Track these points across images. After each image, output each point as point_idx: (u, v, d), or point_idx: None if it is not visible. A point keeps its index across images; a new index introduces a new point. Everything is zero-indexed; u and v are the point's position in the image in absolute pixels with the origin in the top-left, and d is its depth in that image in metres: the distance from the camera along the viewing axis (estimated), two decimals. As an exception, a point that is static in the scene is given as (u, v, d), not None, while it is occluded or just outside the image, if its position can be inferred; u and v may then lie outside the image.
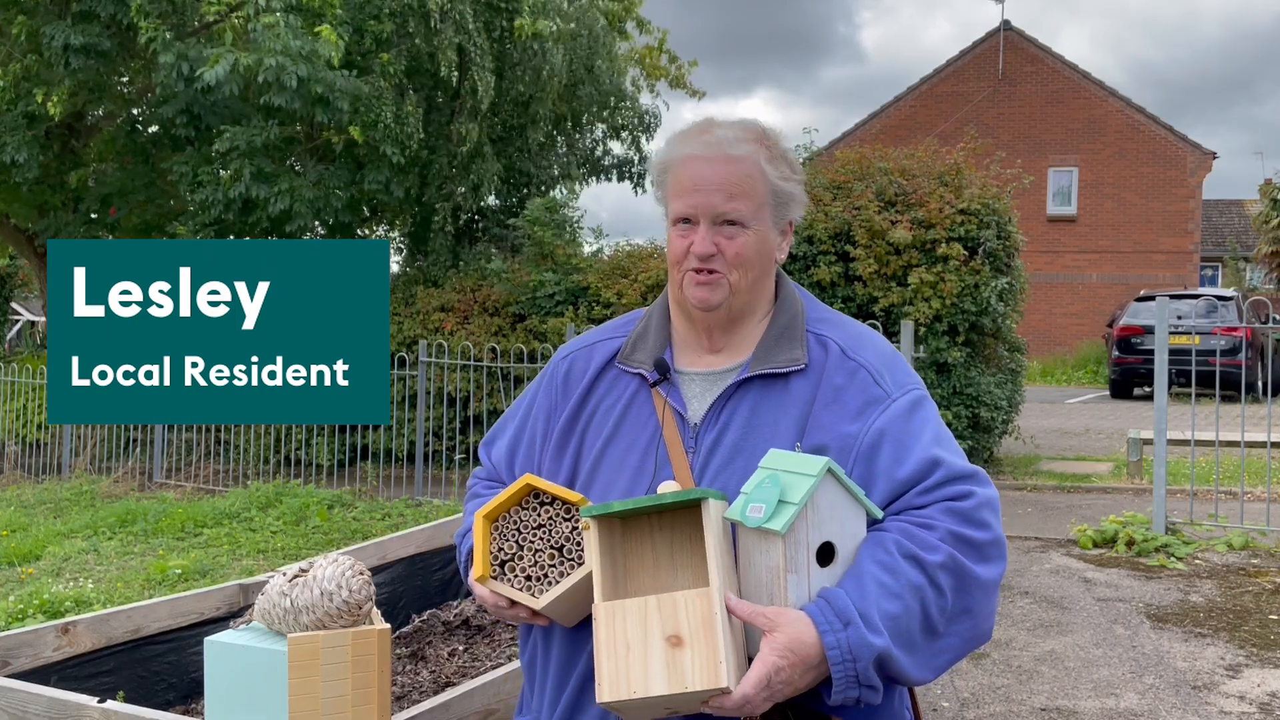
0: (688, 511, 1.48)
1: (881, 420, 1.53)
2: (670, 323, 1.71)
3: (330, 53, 9.14)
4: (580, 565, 1.51)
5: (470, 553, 1.68)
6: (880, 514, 1.48)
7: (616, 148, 14.40)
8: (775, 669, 1.33)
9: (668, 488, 1.50)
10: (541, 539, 1.55)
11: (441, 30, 10.35)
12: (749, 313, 1.65)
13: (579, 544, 1.53)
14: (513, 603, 1.54)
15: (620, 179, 14.44)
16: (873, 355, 1.61)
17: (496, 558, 1.56)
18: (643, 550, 1.51)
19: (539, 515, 1.57)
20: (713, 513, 1.41)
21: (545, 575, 1.53)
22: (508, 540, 1.57)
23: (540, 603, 1.51)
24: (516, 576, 1.54)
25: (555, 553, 1.54)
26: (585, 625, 1.56)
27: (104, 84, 10.91)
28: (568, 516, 1.55)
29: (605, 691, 1.36)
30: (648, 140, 14.20)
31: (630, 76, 13.86)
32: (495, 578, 1.55)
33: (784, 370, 1.58)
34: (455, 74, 10.33)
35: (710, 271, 1.59)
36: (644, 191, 15.20)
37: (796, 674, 1.35)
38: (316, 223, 12.31)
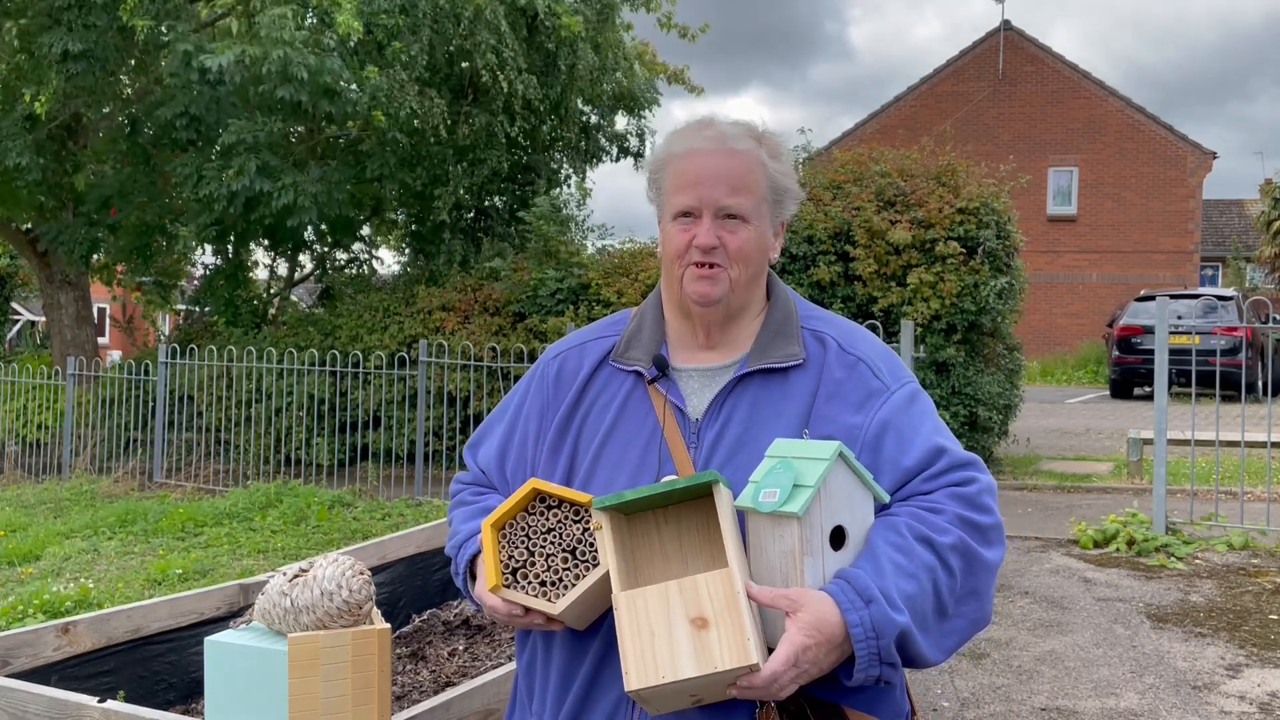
0: (693, 504, 1.49)
1: (884, 411, 1.56)
2: (664, 320, 1.70)
3: (349, 30, 9.10)
4: (593, 567, 1.49)
5: (469, 564, 1.66)
6: (887, 498, 1.50)
7: (621, 122, 14.22)
8: (803, 648, 1.34)
9: None
10: (553, 543, 1.52)
11: (476, 31, 10.35)
12: (744, 310, 1.66)
13: (591, 545, 1.50)
14: (526, 610, 1.52)
15: (619, 157, 14.27)
16: (869, 349, 1.64)
17: (508, 566, 1.53)
18: (650, 545, 1.50)
19: (547, 519, 1.54)
20: (724, 496, 1.42)
21: (560, 579, 1.50)
22: (518, 547, 1.54)
23: (557, 608, 1.48)
24: (530, 583, 1.51)
25: (568, 556, 1.51)
26: (589, 627, 1.56)
27: (99, 87, 10.89)
28: (577, 518, 1.52)
29: (633, 679, 1.34)
30: (651, 113, 14.03)
31: (638, 73, 13.79)
32: (508, 586, 1.52)
33: (783, 365, 1.59)
34: (490, 74, 10.32)
35: (712, 265, 1.59)
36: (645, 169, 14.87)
37: (822, 653, 1.36)
38: (321, 220, 12.29)
